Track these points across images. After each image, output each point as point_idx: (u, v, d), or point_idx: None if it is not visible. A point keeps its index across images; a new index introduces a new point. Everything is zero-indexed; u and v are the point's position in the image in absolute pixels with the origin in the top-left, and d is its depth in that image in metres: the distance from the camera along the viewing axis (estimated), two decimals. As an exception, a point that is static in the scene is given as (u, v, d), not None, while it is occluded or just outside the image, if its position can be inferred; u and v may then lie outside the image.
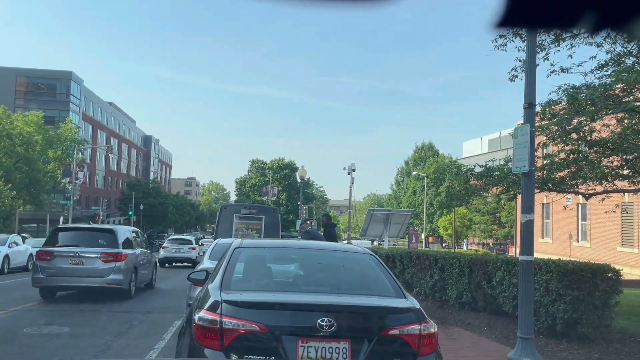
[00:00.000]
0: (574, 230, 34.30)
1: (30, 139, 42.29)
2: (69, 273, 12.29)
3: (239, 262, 4.41)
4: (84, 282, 12.48)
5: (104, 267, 12.41)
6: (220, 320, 3.54)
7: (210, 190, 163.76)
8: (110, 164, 77.50)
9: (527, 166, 5.61)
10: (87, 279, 12.42)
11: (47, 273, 12.33)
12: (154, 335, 8.73)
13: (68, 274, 12.28)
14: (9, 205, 36.32)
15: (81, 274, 12.35)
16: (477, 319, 9.79)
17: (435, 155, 74.07)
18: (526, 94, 5.74)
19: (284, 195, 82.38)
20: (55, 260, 12.40)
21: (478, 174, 11.68)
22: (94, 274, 12.36)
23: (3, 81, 57.60)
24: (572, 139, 10.72)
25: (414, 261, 13.21)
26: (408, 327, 3.71)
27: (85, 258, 12.48)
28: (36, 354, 7.38)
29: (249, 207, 24.79)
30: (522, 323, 5.66)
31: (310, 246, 5.64)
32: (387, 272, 4.44)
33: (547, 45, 9.83)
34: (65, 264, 12.33)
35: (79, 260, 12.42)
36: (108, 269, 12.40)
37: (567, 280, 7.29)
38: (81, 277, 12.38)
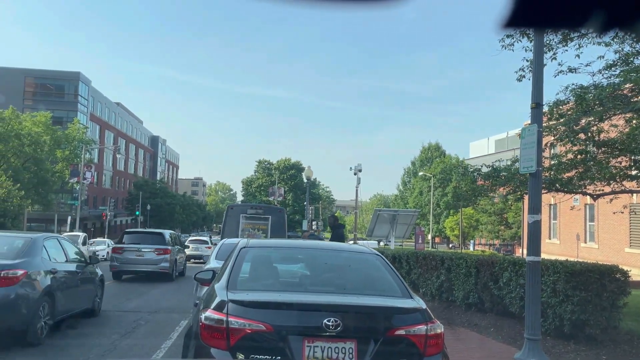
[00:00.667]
0: (581, 231, 34.09)
1: (38, 139, 42.55)
2: (134, 262, 17.97)
3: (245, 262, 4.42)
4: (144, 268, 18.04)
5: (156, 258, 18.00)
6: (227, 319, 3.55)
7: (217, 190, 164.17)
8: (117, 164, 77.85)
9: (535, 166, 5.58)
10: (146, 265, 17.95)
11: (120, 262, 17.95)
12: (160, 334, 8.76)
13: (133, 262, 17.97)
14: (17, 205, 36.53)
15: (142, 262, 17.97)
16: (484, 320, 9.75)
17: (442, 156, 73.89)
18: (533, 94, 5.71)
19: (290, 195, 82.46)
20: (125, 253, 18.03)
21: (485, 174, 11.64)
22: (150, 262, 17.94)
23: (12, 82, 57.97)
24: (580, 139, 10.66)
25: (421, 262, 13.18)
26: (414, 327, 3.70)
27: (145, 252, 18.06)
28: (43, 352, 7.42)
29: (256, 208, 24.81)
30: (529, 324, 5.63)
31: (316, 246, 5.64)
32: (393, 272, 4.43)
33: (554, 45, 9.78)
34: (132, 256, 18.02)
35: (140, 253, 18.03)
36: (159, 259, 17.99)
37: (575, 281, 7.25)
38: (142, 264, 17.95)
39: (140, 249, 18.02)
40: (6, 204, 34.57)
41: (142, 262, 17.84)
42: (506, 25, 0.96)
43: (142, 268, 17.93)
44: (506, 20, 0.95)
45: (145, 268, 17.89)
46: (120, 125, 78.84)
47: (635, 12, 0.94)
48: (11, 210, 35.32)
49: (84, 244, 34.32)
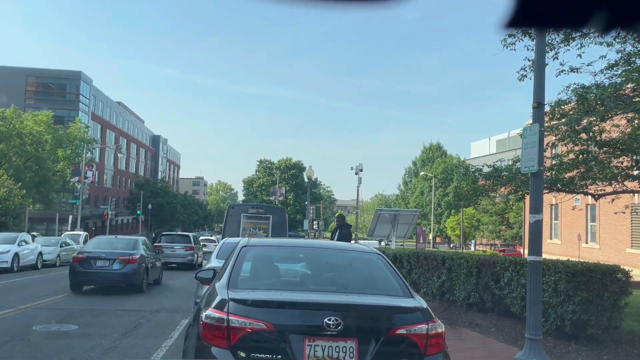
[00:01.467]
0: (582, 231, 34.05)
1: (40, 138, 42.60)
2: (169, 255, 24.47)
3: (246, 261, 4.42)
4: (176, 260, 25.08)
5: (184, 253, 25.49)
6: (228, 318, 3.55)
7: (218, 190, 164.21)
8: (118, 163, 77.89)
9: (536, 166, 5.57)
10: (178, 258, 25.15)
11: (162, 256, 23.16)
12: (161, 334, 8.76)
13: (169, 256, 24.38)
14: (18, 204, 36.57)
15: (175, 256, 25.07)
16: (485, 320, 9.74)
17: (443, 156, 73.84)
18: (535, 93, 5.70)
19: (291, 195, 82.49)
20: (163, 249, 24.12)
21: (486, 174, 11.62)
22: (180, 256, 25.33)
23: (14, 81, 58.01)
24: (582, 139, 10.64)
25: (422, 261, 13.17)
26: (415, 326, 3.70)
27: (176, 248, 25.45)
28: (45, 351, 7.44)
29: (257, 207, 24.83)
30: (530, 324, 5.62)
31: (317, 245, 5.65)
32: (394, 272, 4.43)
33: (556, 45, 9.76)
34: (168, 251, 24.72)
35: (173, 249, 25.35)
36: (187, 254, 25.49)
37: (576, 282, 7.24)
38: (175, 257, 25.04)
39: (173, 246, 25.71)
40: (8, 203, 34.60)
41: (175, 255, 25.35)
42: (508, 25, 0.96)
43: (175, 260, 25.28)
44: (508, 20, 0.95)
45: (177, 260, 25.40)
46: (121, 125, 78.90)
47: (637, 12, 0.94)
48: (12, 210, 35.35)
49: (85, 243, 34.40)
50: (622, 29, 1.04)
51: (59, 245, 27.86)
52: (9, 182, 35.94)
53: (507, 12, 0.95)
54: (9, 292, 14.62)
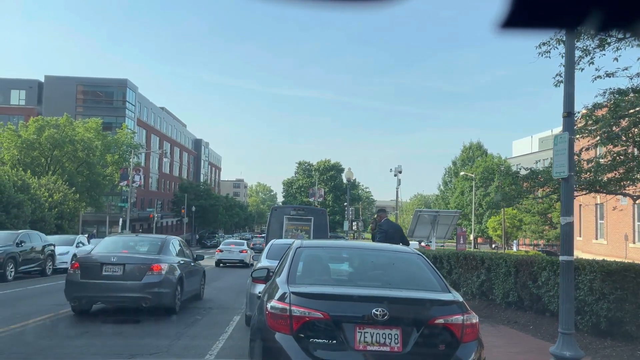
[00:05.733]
0: (629, 231, 33.24)
1: (90, 144, 44.64)
2: (229, 257, 31.76)
3: (301, 260, 5.03)
4: (234, 260, 31.58)
5: (240, 255, 31.80)
6: (290, 308, 4.16)
7: (258, 191, 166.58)
8: (163, 167, 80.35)
9: (566, 172, 5.97)
10: (234, 259, 31.59)
11: (220, 257, 31.77)
12: (218, 327, 9.52)
13: (228, 257, 31.76)
14: (72, 208, 38.54)
15: (232, 257, 31.74)
16: (523, 318, 10.07)
17: (484, 155, 72.90)
18: (565, 103, 6.08)
19: (330, 196, 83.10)
20: (224, 252, 31.92)
21: (523, 176, 11.90)
22: (237, 257, 31.67)
23: (66, 90, 60.89)
24: (621, 140, 10.78)
25: (461, 262, 13.52)
26: (452, 317, 4.22)
27: (234, 251, 32.06)
28: (120, 340, 8.27)
29: (298, 209, 25.47)
30: (563, 319, 6.01)
31: (362, 246, 6.28)
32: (433, 270, 4.96)
33: (591, 50, 10.00)
34: (227, 253, 31.85)
35: (231, 251, 32.05)
36: (242, 256, 31.69)
37: (611, 280, 7.55)
38: (233, 259, 31.65)
39: (231, 249, 32.16)
40: (63, 206, 36.53)
41: (232, 257, 31.71)
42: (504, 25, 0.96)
43: (233, 260, 31.61)
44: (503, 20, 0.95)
45: (235, 259, 31.61)
46: (165, 130, 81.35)
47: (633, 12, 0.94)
48: (67, 213, 37.28)
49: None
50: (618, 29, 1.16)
51: (112, 246, 29.27)
52: (64, 187, 37.92)
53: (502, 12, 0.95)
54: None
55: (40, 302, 12.54)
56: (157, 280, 10.40)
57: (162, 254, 11.29)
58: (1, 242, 18.49)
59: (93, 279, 10.33)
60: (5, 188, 29.50)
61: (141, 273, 10.41)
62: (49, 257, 21.15)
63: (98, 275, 10.37)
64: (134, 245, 12.04)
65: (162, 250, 11.46)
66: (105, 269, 10.45)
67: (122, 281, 10.34)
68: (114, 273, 10.42)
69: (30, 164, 42.10)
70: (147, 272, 10.41)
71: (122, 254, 10.92)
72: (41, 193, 34.77)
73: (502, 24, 0.95)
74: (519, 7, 0.93)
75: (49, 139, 42.17)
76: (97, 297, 10.64)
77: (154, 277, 10.40)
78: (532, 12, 0.95)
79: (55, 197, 35.93)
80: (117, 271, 10.42)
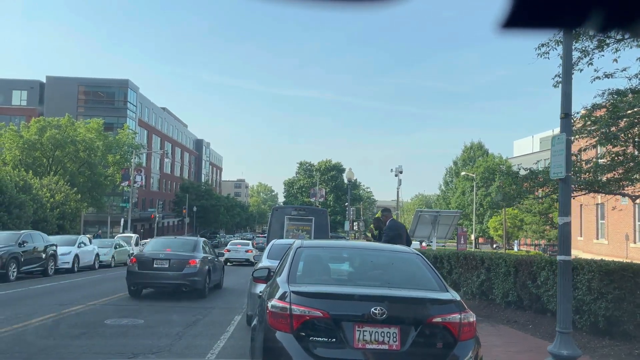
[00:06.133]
0: (630, 230, 33.26)
1: (92, 144, 44.77)
2: (236, 256, 33.57)
3: (301, 260, 5.10)
4: (240, 259, 33.46)
5: (246, 253, 33.88)
6: (290, 307, 4.22)
7: (259, 191, 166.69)
8: (164, 167, 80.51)
9: (564, 172, 6.03)
10: (241, 258, 33.40)
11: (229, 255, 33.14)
12: (219, 326, 9.59)
13: (235, 256, 33.55)
14: (74, 208, 38.65)
15: (240, 256, 33.62)
16: (523, 317, 10.13)
17: (485, 155, 72.91)
18: (562, 105, 6.14)
19: (331, 196, 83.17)
20: (231, 252, 33.90)
21: (523, 176, 11.96)
22: (244, 256, 33.65)
23: (67, 90, 61.06)
24: (620, 140, 10.83)
25: (461, 262, 13.58)
26: (450, 316, 4.28)
27: (240, 249, 34.29)
28: (122, 340, 8.35)
29: (299, 209, 25.54)
30: (560, 318, 6.07)
31: (362, 246, 6.36)
32: (432, 270, 5.02)
33: (590, 51, 10.05)
34: (234, 253, 33.86)
35: (238, 251, 34.17)
36: (248, 254, 33.69)
37: (609, 280, 7.61)
38: (240, 258, 33.41)
39: (238, 249, 34.26)
40: (65, 207, 36.63)
41: (239, 256, 33.61)
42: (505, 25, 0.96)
43: (239, 258, 33.43)
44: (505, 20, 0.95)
45: (241, 258, 33.40)
46: (166, 130, 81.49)
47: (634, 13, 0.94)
48: (69, 213, 37.38)
49: (137, 245, 36.03)
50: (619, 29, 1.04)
51: (114, 247, 29.43)
52: (65, 188, 38.03)
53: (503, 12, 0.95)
54: (75, 290, 15.84)
55: (43, 302, 12.62)
56: (194, 271, 13.76)
57: (195, 251, 14.56)
58: (4, 242, 18.59)
59: (147, 270, 13.74)
60: (7, 188, 29.61)
61: (181, 266, 13.75)
62: (51, 257, 21.24)
63: (150, 268, 13.77)
64: (173, 245, 15.14)
65: (195, 249, 14.75)
66: (155, 262, 13.83)
67: (168, 272, 13.77)
68: (162, 266, 13.84)
69: (32, 165, 42.24)
70: (186, 265, 13.76)
71: (167, 252, 14.28)
72: (43, 193, 34.88)
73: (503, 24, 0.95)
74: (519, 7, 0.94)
75: (51, 139, 42.30)
76: (150, 283, 14.05)
77: (191, 269, 13.75)
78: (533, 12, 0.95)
79: (57, 197, 36.03)
80: (164, 264, 13.86)
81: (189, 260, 13.82)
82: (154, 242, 16.01)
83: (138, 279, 13.80)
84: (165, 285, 14.01)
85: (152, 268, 13.75)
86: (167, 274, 13.76)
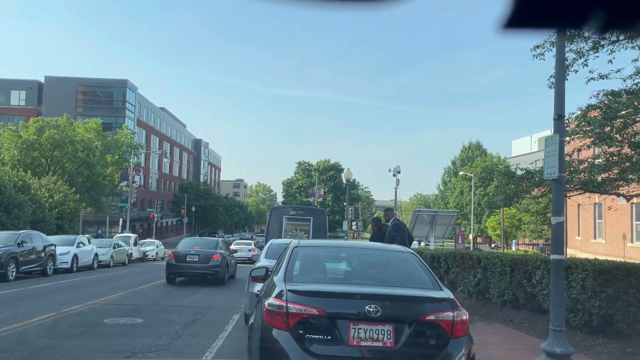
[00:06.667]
0: (627, 230, 33.36)
1: (90, 144, 44.77)
2: (240, 255, 33.44)
3: (298, 259, 5.18)
4: (244, 257, 34.36)
5: (249, 252, 36.43)
6: (286, 305, 4.31)
7: (258, 191, 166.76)
8: (163, 167, 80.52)
9: (557, 173, 6.12)
10: (245, 257, 34.50)
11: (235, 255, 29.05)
12: (218, 326, 9.67)
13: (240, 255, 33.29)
14: (73, 208, 38.67)
15: (244, 255, 34.88)
16: (519, 316, 10.22)
17: (483, 155, 73.07)
18: (555, 106, 6.23)
19: (330, 196, 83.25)
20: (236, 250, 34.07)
21: (520, 176, 12.05)
22: (247, 255, 35.58)
23: (66, 91, 61.05)
24: (616, 140, 10.91)
25: (458, 261, 13.67)
26: (443, 314, 4.37)
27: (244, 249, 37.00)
28: (121, 339, 8.42)
29: (297, 209, 25.63)
30: (554, 316, 6.16)
31: (358, 246, 6.45)
32: (426, 269, 5.11)
33: (585, 52, 10.13)
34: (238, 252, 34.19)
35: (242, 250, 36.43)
36: (250, 253, 36.06)
37: (602, 279, 7.70)
38: (244, 256, 34.00)
39: (242, 248, 36.66)
40: (63, 207, 36.65)
41: (243, 254, 35.16)
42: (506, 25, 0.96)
43: (242, 257, 34.30)
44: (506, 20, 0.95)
45: (244, 257, 34.71)
46: (165, 130, 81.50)
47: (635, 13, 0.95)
48: (68, 213, 37.41)
49: (135, 245, 36.07)
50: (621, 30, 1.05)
51: (112, 246, 29.47)
52: (64, 188, 38.05)
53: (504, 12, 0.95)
54: (74, 290, 15.91)
55: (42, 302, 12.69)
56: (217, 264, 18.01)
57: (217, 249, 18.79)
58: (2, 242, 18.64)
59: (181, 263, 18.07)
60: (6, 188, 29.64)
61: (207, 259, 18.01)
62: (50, 257, 21.30)
63: (184, 261, 18.07)
64: (200, 244, 19.57)
65: (217, 247, 19.05)
66: (188, 257, 18.12)
67: (197, 264, 18.04)
68: (193, 259, 18.10)
69: (30, 165, 42.24)
70: (211, 259, 18.02)
71: (196, 249, 18.53)
72: (41, 193, 34.90)
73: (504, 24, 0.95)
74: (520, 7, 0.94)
75: (49, 139, 42.31)
76: (184, 272, 18.25)
77: (215, 262, 18.00)
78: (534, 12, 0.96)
79: (55, 197, 36.05)
80: (195, 258, 18.12)
81: (213, 255, 18.04)
82: (184, 242, 20.46)
83: (175, 269, 18.10)
84: (196, 274, 18.08)
85: (186, 261, 18.01)
86: (196, 266, 17.98)
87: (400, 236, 10.44)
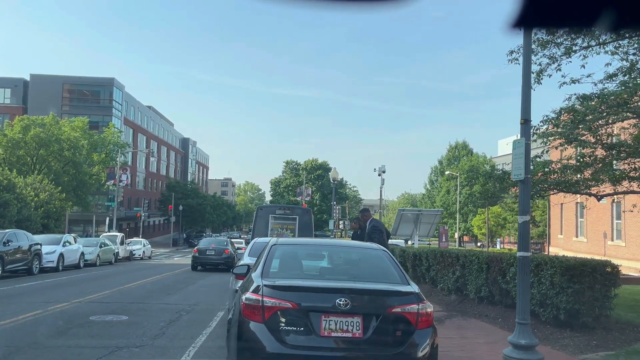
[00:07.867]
0: (608, 229, 34.05)
1: (77, 143, 44.62)
2: None
3: (275, 256, 5.46)
4: None
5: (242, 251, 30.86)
6: (262, 299, 4.60)
7: (246, 190, 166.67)
8: (150, 166, 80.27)
9: (523, 174, 6.46)
10: None
11: None
12: (202, 322, 9.91)
13: None
14: (59, 207, 38.56)
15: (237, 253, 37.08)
16: (494, 311, 10.59)
17: (469, 154, 73.85)
18: (522, 111, 6.57)
19: (317, 195, 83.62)
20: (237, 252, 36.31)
21: (497, 176, 12.43)
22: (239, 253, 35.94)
23: (52, 89, 60.67)
24: (590, 142, 11.33)
25: (438, 259, 14.03)
26: (408, 306, 4.69)
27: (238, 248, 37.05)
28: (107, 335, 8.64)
29: (284, 208, 25.96)
30: (519, 310, 6.49)
31: (334, 244, 6.77)
32: (395, 265, 5.43)
33: (558, 57, 10.54)
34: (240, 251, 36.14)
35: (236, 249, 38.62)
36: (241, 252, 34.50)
37: (569, 275, 8.07)
38: None
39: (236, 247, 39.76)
40: (49, 206, 36.55)
41: None
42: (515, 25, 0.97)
43: None
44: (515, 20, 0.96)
45: None
46: (152, 128, 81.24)
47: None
48: (54, 212, 37.30)
49: (122, 244, 36.10)
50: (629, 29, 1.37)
51: (99, 245, 29.53)
52: (50, 186, 37.93)
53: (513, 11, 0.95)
54: (60, 288, 16.04)
55: (28, 300, 12.83)
56: (228, 256, 26.49)
57: (227, 246, 28.00)
58: (-12, 241, 18.68)
59: (203, 256, 26.67)
60: (-9, 187, 29.54)
61: (221, 253, 26.79)
62: (36, 256, 21.35)
63: (205, 254, 26.76)
64: (215, 242, 29.06)
65: (226, 244, 28.30)
66: (207, 251, 26.86)
67: (214, 256, 26.73)
68: (211, 253, 26.80)
69: (15, 163, 42.02)
70: (223, 253, 26.82)
71: (212, 247, 27.43)
72: (27, 192, 34.79)
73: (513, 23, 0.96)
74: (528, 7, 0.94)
75: (35, 138, 42.12)
76: (205, 263, 26.50)
77: (226, 255, 26.67)
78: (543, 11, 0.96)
79: (41, 196, 35.95)
80: (212, 253, 26.85)
81: (225, 250, 27.05)
82: (203, 242, 29.96)
83: (198, 260, 26.48)
84: (213, 264, 26.26)
85: (206, 255, 26.71)
86: (213, 258, 26.64)
87: (378, 237, 10.76)
